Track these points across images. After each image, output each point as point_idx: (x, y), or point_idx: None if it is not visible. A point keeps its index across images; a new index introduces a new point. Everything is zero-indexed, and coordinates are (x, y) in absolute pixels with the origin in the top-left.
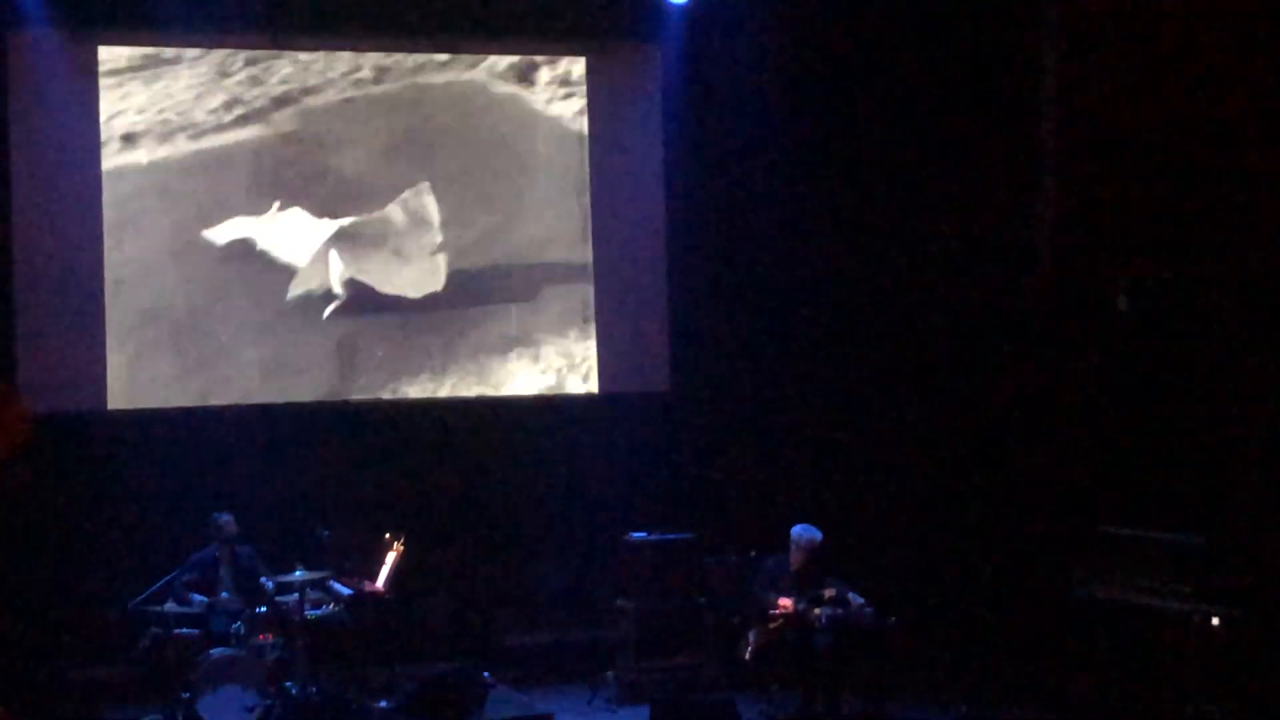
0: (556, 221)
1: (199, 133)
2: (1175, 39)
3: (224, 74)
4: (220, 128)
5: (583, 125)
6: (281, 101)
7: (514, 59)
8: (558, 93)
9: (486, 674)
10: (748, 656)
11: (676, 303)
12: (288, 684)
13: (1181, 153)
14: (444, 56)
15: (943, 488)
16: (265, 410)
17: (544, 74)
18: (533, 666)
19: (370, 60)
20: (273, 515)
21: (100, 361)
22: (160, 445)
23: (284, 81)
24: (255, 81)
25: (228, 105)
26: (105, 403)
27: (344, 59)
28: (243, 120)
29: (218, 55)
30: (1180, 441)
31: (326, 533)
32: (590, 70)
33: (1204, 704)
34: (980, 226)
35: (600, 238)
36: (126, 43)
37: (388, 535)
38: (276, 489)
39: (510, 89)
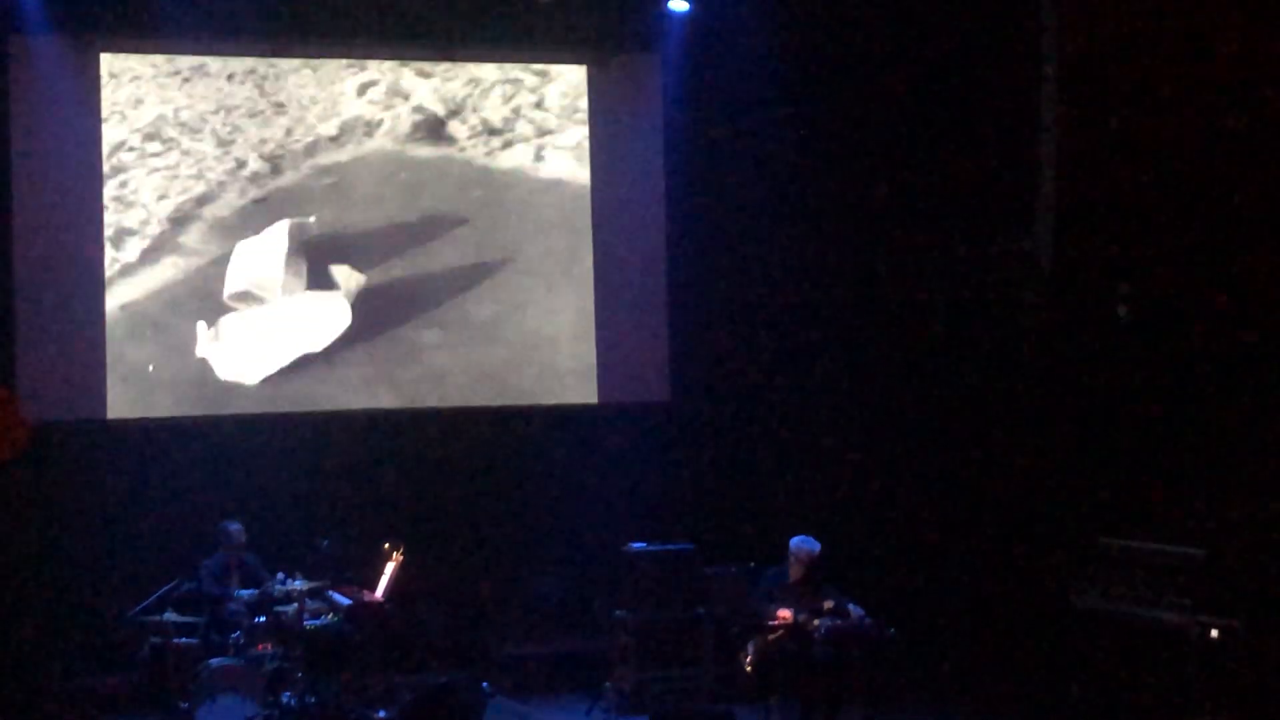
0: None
1: None
2: (1176, 43)
3: None
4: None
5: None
6: (179, 221)
7: (420, 117)
8: (493, 144)
9: (485, 684)
10: (747, 667)
11: (677, 312)
12: (286, 693)
13: (1182, 160)
14: (334, 130)
15: (942, 499)
16: (264, 420)
17: (459, 128)
18: (531, 676)
19: (251, 149)
20: (272, 525)
21: (100, 371)
22: (159, 455)
23: (163, 196)
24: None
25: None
26: (105, 412)
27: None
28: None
29: None
30: (1180, 453)
31: (325, 542)
32: (591, 80)
33: (1203, 715)
34: (980, 235)
35: (601, 247)
36: (128, 50)
37: (387, 545)
38: (275, 499)
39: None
